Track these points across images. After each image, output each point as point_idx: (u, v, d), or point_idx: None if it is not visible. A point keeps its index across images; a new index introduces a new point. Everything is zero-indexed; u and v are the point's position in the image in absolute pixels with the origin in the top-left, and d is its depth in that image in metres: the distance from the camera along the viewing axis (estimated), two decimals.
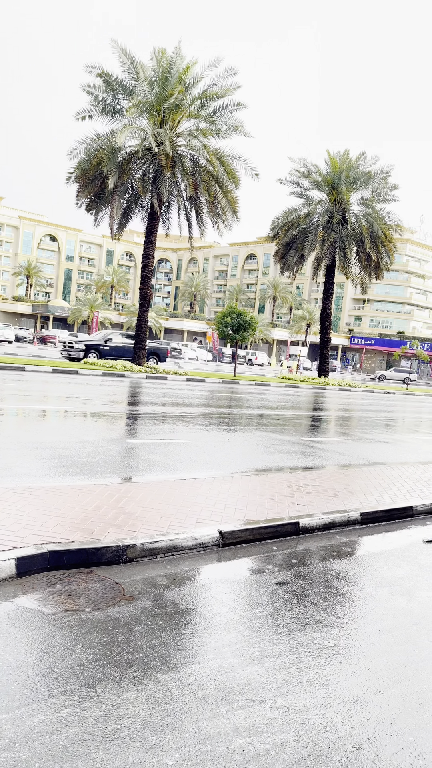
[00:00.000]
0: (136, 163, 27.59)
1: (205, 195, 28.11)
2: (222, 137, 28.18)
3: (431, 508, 7.34)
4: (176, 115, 27.62)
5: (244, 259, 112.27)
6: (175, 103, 26.74)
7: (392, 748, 2.75)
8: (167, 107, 26.88)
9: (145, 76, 27.04)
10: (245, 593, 4.40)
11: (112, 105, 27.53)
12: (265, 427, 13.38)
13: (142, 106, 26.47)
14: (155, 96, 26.97)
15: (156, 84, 27.09)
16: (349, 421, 17.98)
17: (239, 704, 2.98)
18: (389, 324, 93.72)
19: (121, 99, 27.50)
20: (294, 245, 37.16)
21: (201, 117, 27.92)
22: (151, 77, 27.27)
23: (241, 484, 7.28)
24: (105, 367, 26.86)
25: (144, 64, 27.28)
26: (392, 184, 36.19)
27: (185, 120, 28.25)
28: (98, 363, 28.02)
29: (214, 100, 27.58)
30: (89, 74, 26.93)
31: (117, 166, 26.40)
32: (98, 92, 27.29)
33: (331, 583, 4.73)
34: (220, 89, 27.34)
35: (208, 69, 27.19)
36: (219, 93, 27.36)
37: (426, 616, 4.28)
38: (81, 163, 27.39)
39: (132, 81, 27.15)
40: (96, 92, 27.28)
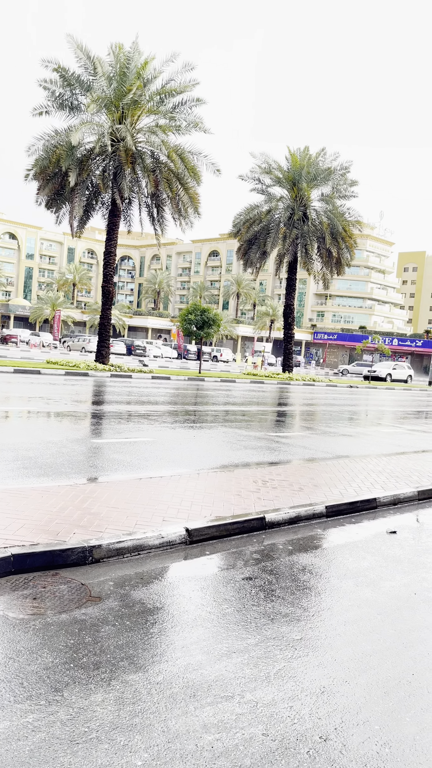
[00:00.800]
0: (95, 160, 27.29)
1: (166, 191, 27.99)
2: (182, 133, 28.09)
3: (394, 500, 7.48)
4: (135, 111, 27.41)
5: (207, 255, 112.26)
6: (134, 99, 26.53)
7: (359, 737, 2.79)
8: (126, 103, 26.66)
9: (103, 71, 26.74)
10: (213, 590, 4.41)
11: (69, 101, 27.15)
12: (231, 424, 13.42)
13: (100, 102, 26.17)
14: (113, 91, 26.70)
15: (114, 79, 26.83)
16: (313, 416, 18.17)
17: (208, 701, 2.98)
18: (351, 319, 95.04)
19: (78, 94, 27.15)
20: (256, 241, 37.31)
21: (160, 113, 27.78)
22: (109, 73, 26.98)
23: (208, 481, 7.29)
24: (68, 366, 26.54)
25: (101, 60, 26.97)
26: (351, 180, 36.64)
27: (145, 116, 28.06)
28: (62, 362, 27.66)
29: (173, 96, 27.46)
30: (45, 69, 26.51)
31: (76, 162, 26.08)
32: (55, 87, 26.88)
33: (297, 577, 4.78)
34: (179, 85, 27.24)
35: (166, 64, 27.06)
36: (178, 89, 27.25)
37: (390, 606, 4.36)
38: (39, 159, 26.94)
39: (89, 76, 26.83)
40: (53, 87, 26.87)
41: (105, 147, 26.25)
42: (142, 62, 26.88)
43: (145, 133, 27.48)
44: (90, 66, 26.70)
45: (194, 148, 28.08)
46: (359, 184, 37.08)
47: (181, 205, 28.39)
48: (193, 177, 27.98)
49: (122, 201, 27.88)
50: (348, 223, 36.70)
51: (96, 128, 26.36)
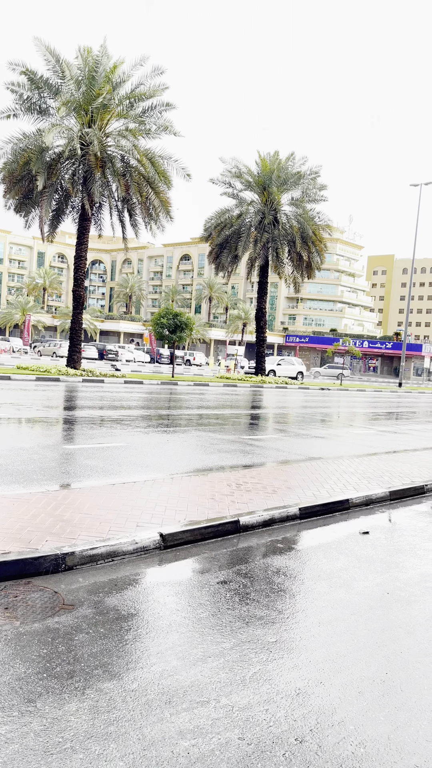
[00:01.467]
0: (65, 164, 27.09)
1: (137, 195, 27.91)
2: (152, 137, 28.06)
3: (366, 501, 7.56)
4: (105, 115, 27.30)
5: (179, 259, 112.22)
6: (103, 103, 26.43)
7: (334, 738, 2.81)
8: (95, 107, 26.53)
9: (72, 74, 26.58)
10: (187, 594, 4.39)
11: (38, 104, 26.91)
12: (204, 427, 13.41)
13: (70, 105, 26.01)
14: (82, 95, 26.56)
15: (83, 83, 26.69)
16: (286, 418, 18.27)
17: (183, 707, 2.97)
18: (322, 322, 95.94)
19: (47, 98, 26.92)
20: (228, 245, 37.43)
21: (130, 117, 27.71)
22: (78, 76, 26.83)
23: (182, 485, 7.27)
24: (39, 371, 26.24)
25: (70, 63, 26.81)
26: (321, 185, 37.01)
27: (114, 120, 27.96)
28: (32, 367, 27.34)
29: (143, 100, 27.42)
30: (13, 72, 26.23)
31: (45, 166, 25.84)
32: (23, 90, 26.61)
33: (272, 579, 4.79)
34: (149, 89, 27.22)
35: (135, 68, 27.02)
36: (147, 93, 27.23)
37: (363, 606, 4.40)
38: (7, 163, 26.62)
39: (58, 80, 26.64)
40: (21, 90, 26.58)
41: (75, 151, 26.09)
42: (111, 66, 26.79)
43: (115, 137, 27.39)
44: (59, 69, 26.51)
45: (165, 152, 28.08)
46: (328, 188, 37.51)
47: (152, 209, 28.34)
48: (163, 181, 27.96)
49: (92, 205, 27.72)
50: (318, 227, 37.05)
51: (66, 132, 26.18)
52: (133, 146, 26.35)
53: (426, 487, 8.59)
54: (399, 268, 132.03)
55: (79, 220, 28.43)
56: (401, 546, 5.97)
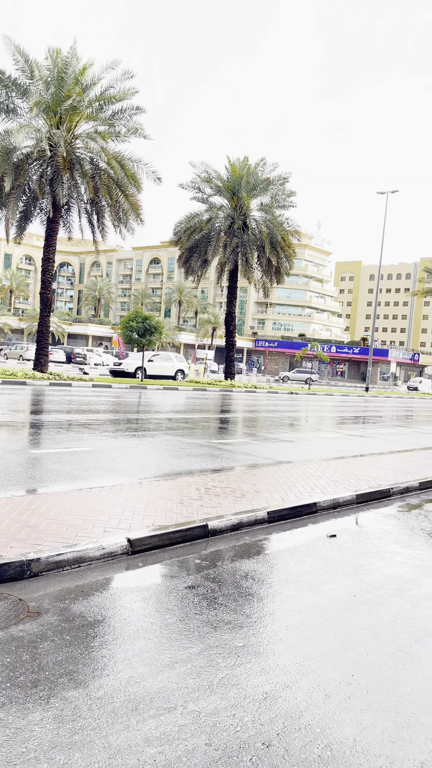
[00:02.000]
0: (33, 165, 26.81)
1: (106, 198, 27.76)
2: (122, 140, 27.97)
3: (334, 504, 7.62)
4: (74, 117, 27.10)
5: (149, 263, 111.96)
6: (72, 105, 26.24)
7: (300, 741, 2.82)
8: (64, 108, 26.32)
9: (41, 75, 26.34)
10: (155, 600, 4.36)
11: (5, 103, 26.56)
12: (173, 431, 13.37)
13: (39, 106, 25.75)
14: (51, 96, 26.33)
15: (52, 84, 26.47)
16: (255, 422, 18.34)
17: (150, 714, 2.94)
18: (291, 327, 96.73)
19: (15, 98, 26.60)
20: (197, 250, 37.48)
21: (99, 119, 27.58)
22: (47, 77, 26.61)
23: (150, 490, 7.23)
24: (5, 374, 25.84)
25: (39, 63, 26.58)
26: (290, 191, 37.35)
27: (83, 122, 27.78)
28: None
29: (113, 103, 27.33)
30: None
31: (12, 167, 25.53)
32: None
33: (240, 584, 4.79)
34: (119, 92, 27.15)
35: (106, 71, 26.92)
36: (117, 96, 27.14)
37: (330, 609, 4.43)
38: None
39: (27, 80, 26.36)
40: None
41: (43, 152, 25.83)
42: (81, 68, 26.63)
43: (84, 139, 27.21)
44: (27, 69, 26.24)
45: (134, 156, 28.03)
46: (297, 194, 37.87)
47: (122, 212, 28.22)
48: (133, 184, 27.88)
49: (60, 207, 27.45)
50: (287, 232, 37.37)
51: (34, 133, 25.91)
52: (101, 149, 26.20)
53: (392, 490, 8.71)
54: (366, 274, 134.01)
55: (47, 222, 28.13)
56: (368, 549, 6.04)
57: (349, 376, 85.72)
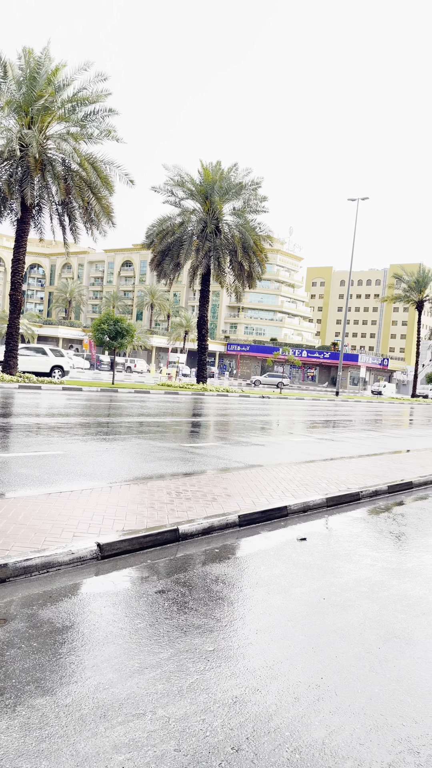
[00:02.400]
0: (3, 165, 26.45)
1: (78, 200, 27.56)
2: (94, 142, 27.81)
3: (304, 507, 7.67)
4: (45, 117, 26.85)
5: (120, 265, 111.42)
6: (44, 105, 25.99)
7: (270, 745, 2.82)
8: (36, 108, 26.06)
9: (13, 75, 26.06)
10: (125, 605, 4.33)
11: None
12: (144, 435, 13.31)
13: (10, 106, 25.46)
14: (23, 96, 26.05)
15: (24, 84, 26.19)
16: (227, 426, 18.36)
17: (119, 720, 2.92)
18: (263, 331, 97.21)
19: None
20: (170, 253, 37.42)
21: (72, 121, 27.37)
22: (19, 77, 26.33)
23: (121, 494, 7.18)
24: None
25: (12, 63, 26.30)
26: (262, 196, 37.56)
27: (56, 123, 27.54)
28: None
29: (86, 104, 27.16)
30: None
31: None
32: None
33: (210, 588, 4.79)
34: (92, 94, 27.00)
35: (79, 72, 26.76)
36: (90, 98, 26.99)
37: (300, 612, 4.45)
38: None
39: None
40: None
41: (14, 152, 25.52)
42: (53, 68, 26.42)
43: (56, 140, 26.96)
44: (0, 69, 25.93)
45: (107, 158, 27.88)
46: (269, 200, 38.11)
47: (93, 213, 28.04)
48: (105, 186, 27.73)
49: (31, 208, 27.14)
50: (259, 237, 37.56)
51: (4, 132, 25.59)
52: (74, 150, 26.01)
53: (361, 493, 8.80)
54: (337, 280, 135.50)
55: (17, 222, 27.79)
56: (337, 552, 6.09)
57: (320, 381, 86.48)
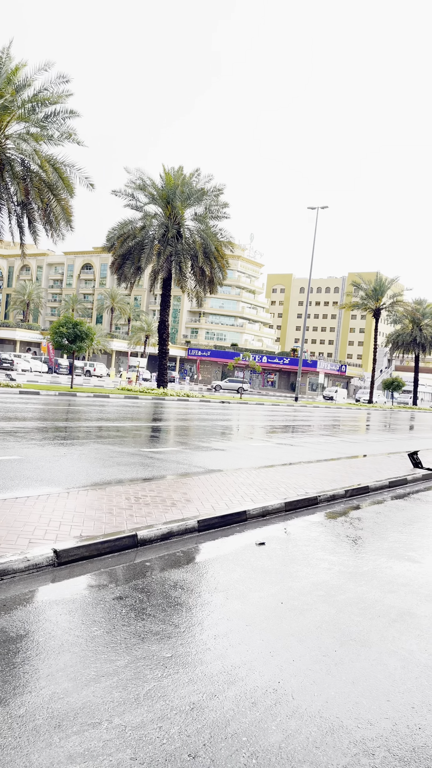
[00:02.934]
0: None
1: (37, 201, 27.17)
2: (55, 144, 27.50)
3: (263, 512, 7.71)
4: (4, 117, 26.42)
5: (80, 268, 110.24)
6: (4, 104, 25.59)
7: (227, 751, 2.82)
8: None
9: None
10: (81, 612, 4.26)
11: None
12: (103, 440, 13.17)
13: None
14: None
15: None
16: (187, 431, 18.33)
17: (74, 730, 2.87)
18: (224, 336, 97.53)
19: None
20: (131, 257, 37.23)
21: (32, 121, 27.00)
22: None
23: (78, 500, 7.08)
24: None
25: None
26: (224, 202, 37.77)
27: (15, 122, 27.12)
28: None
29: (46, 105, 26.85)
30: None
31: None
32: None
33: (168, 593, 4.76)
34: (53, 95, 26.71)
35: (40, 73, 26.44)
36: (51, 99, 26.69)
37: (258, 616, 4.46)
38: None
39: None
40: None
41: None
42: (13, 68, 26.03)
43: (15, 140, 26.55)
44: None
45: (68, 160, 27.62)
46: (231, 206, 38.39)
47: (53, 215, 27.69)
48: (66, 188, 27.44)
49: None
50: (220, 243, 37.74)
51: None
52: (34, 151, 25.66)
53: (319, 498, 8.90)
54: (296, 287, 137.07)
55: None
56: (295, 556, 6.13)
57: (280, 386, 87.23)
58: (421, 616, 4.77)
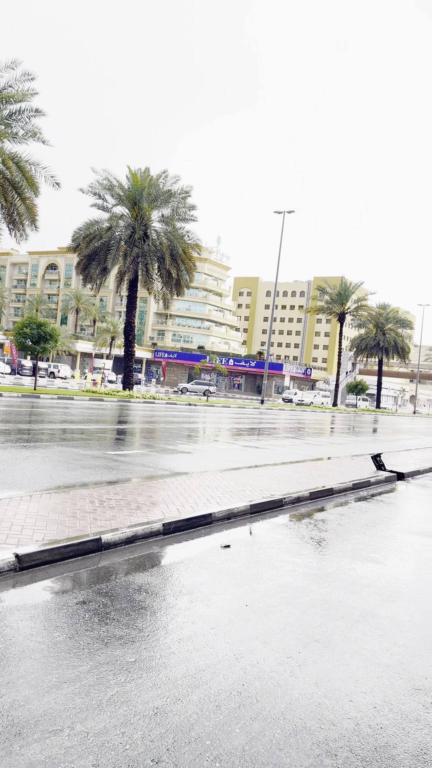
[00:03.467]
0: None
1: (0, 200, 26.73)
2: (19, 142, 27.13)
3: (228, 515, 7.72)
4: None
5: (45, 268, 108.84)
6: None
7: (190, 755, 2.80)
8: None
9: None
10: (43, 617, 4.20)
11: None
12: (68, 443, 13.01)
13: None
14: None
15: None
16: (153, 433, 18.24)
17: (35, 737, 2.82)
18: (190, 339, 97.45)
19: None
20: (97, 257, 36.92)
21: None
22: None
23: (41, 504, 6.97)
24: None
25: None
26: (191, 205, 37.79)
27: None
28: None
29: (11, 103, 26.48)
30: None
31: None
32: None
33: (133, 597, 4.72)
34: (17, 93, 26.34)
35: (6, 71, 26.05)
36: (16, 96, 26.33)
37: (223, 619, 4.46)
38: None
39: None
40: None
41: None
42: None
43: None
44: None
45: (33, 158, 27.26)
46: (198, 209, 38.38)
47: (17, 215, 27.29)
48: (30, 187, 27.08)
49: None
50: (187, 245, 37.72)
51: None
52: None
53: (284, 500, 8.95)
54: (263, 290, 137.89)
55: None
56: (260, 558, 6.16)
57: (246, 389, 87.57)
58: (383, 616, 4.84)
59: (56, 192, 28.93)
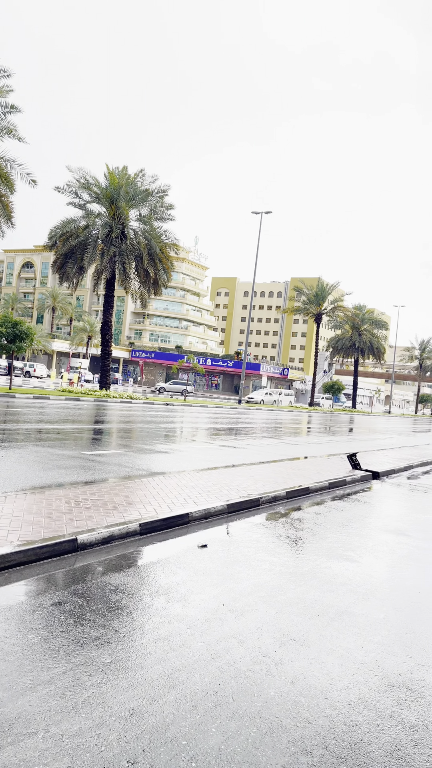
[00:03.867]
0: None
1: None
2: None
3: (206, 514, 7.72)
4: None
5: (21, 266, 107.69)
6: None
7: (166, 755, 2.80)
8: None
9: None
10: (18, 619, 4.15)
11: None
12: (43, 443, 12.88)
13: None
14: None
15: None
16: (130, 433, 18.16)
17: (9, 741, 2.78)
18: (168, 338, 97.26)
19: None
20: (73, 256, 36.63)
21: None
22: None
23: (16, 504, 6.90)
24: None
25: None
26: (168, 204, 37.70)
27: None
28: None
29: None
30: None
31: None
32: None
33: (109, 598, 4.69)
34: None
35: None
36: None
37: (199, 619, 4.46)
38: None
39: None
40: None
41: None
42: None
43: None
44: None
45: (8, 155, 26.95)
46: (176, 208, 38.33)
47: None
48: (6, 185, 26.78)
49: None
50: (165, 245, 37.62)
51: None
52: None
53: (261, 499, 8.98)
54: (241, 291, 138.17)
55: None
56: (237, 558, 6.17)
57: (224, 389, 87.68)
58: (358, 614, 4.88)
59: (33, 190, 28.67)
